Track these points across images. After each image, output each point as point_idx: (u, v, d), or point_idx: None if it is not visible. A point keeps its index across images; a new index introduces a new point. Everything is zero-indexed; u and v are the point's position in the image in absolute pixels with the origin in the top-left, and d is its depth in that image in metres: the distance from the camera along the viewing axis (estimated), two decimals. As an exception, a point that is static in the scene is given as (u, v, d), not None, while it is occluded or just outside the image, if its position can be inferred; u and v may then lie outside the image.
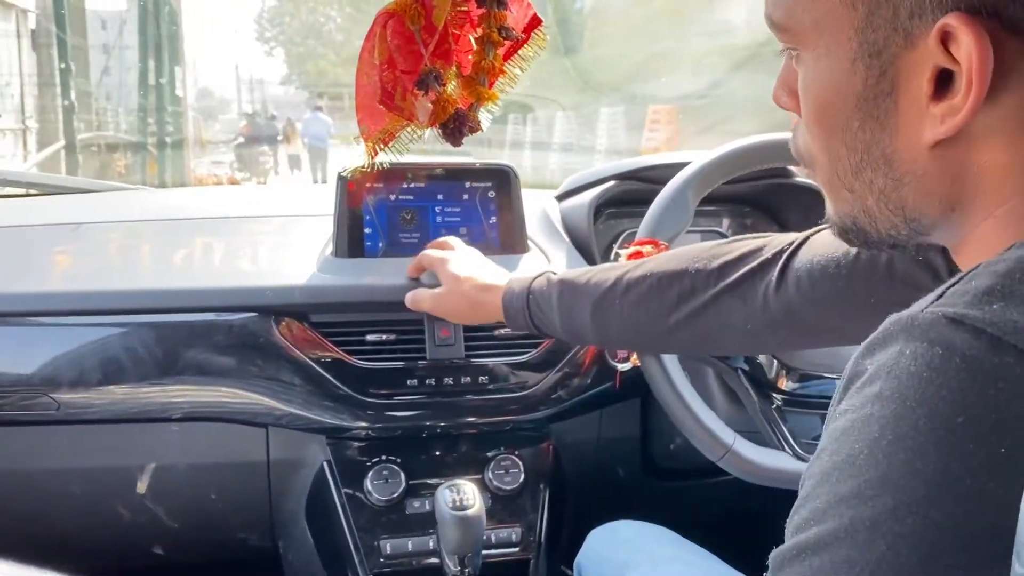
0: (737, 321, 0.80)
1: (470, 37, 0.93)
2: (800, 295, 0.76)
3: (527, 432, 1.16)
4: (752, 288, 0.79)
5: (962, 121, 0.44)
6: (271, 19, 25.38)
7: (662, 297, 0.84)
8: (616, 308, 0.86)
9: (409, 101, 0.88)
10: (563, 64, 8.42)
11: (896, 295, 0.71)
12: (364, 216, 1.13)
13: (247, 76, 26.05)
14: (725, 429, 0.91)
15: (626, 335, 0.89)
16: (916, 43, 0.44)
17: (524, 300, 0.93)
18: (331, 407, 1.07)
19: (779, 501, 1.34)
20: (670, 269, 0.84)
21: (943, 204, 0.48)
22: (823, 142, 0.51)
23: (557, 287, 0.91)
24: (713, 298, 0.81)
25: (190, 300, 1.04)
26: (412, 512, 1.07)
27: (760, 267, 0.79)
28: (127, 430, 1.06)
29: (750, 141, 1.01)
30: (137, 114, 8.43)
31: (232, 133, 16.23)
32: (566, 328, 0.91)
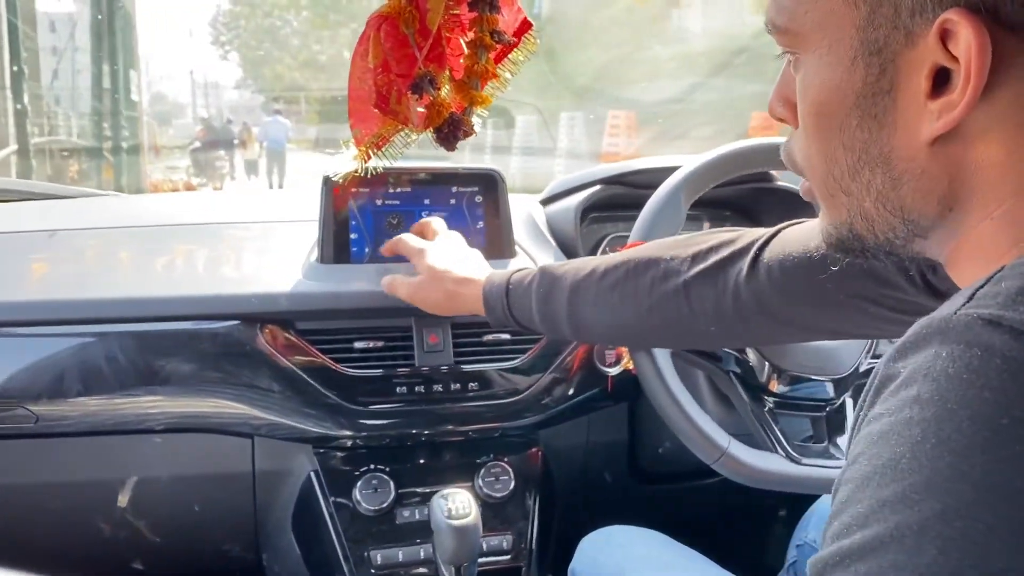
0: (708, 309, 0.81)
1: (461, 41, 0.92)
2: (772, 285, 0.77)
3: (516, 438, 1.15)
4: (724, 276, 0.80)
5: (959, 115, 0.44)
6: (226, 23, 25.05)
7: (636, 282, 0.84)
8: (591, 292, 0.87)
9: (404, 104, 0.87)
10: (537, 68, 8.47)
11: (868, 291, 0.73)
12: (350, 221, 1.11)
13: (202, 80, 25.65)
14: (720, 432, 0.91)
15: (599, 322, 0.89)
16: (916, 41, 0.45)
17: (503, 290, 0.93)
18: (318, 416, 1.05)
19: (763, 501, 1.35)
20: (645, 256, 0.85)
21: (942, 204, 0.48)
22: (820, 144, 0.52)
23: (537, 275, 0.91)
24: (684, 284, 0.82)
25: (172, 308, 1.02)
26: (402, 521, 1.06)
27: (732, 256, 0.80)
28: (107, 442, 1.03)
29: (740, 145, 1.01)
30: (91, 118, 8.25)
31: (187, 138, 16.00)
32: (542, 316, 0.91)
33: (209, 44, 25.15)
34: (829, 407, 1.00)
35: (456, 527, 0.91)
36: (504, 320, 0.93)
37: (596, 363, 1.13)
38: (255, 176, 14.32)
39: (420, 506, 1.07)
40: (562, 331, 0.93)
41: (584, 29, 12.68)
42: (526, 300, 0.91)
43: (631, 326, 0.87)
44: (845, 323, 0.78)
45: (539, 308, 0.90)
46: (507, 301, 0.92)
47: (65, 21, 10.76)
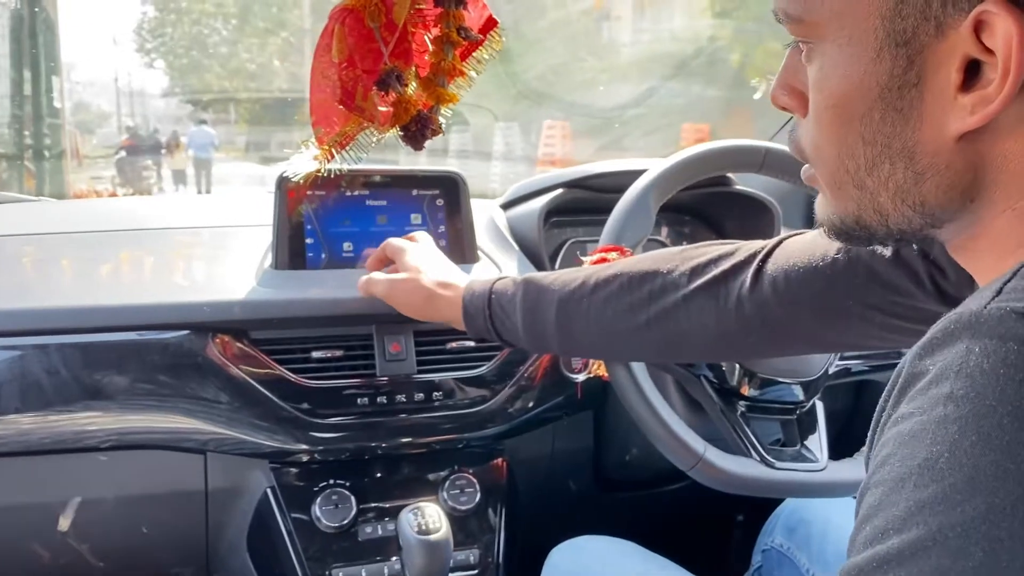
0: (709, 322, 0.79)
1: (426, 37, 0.89)
2: (776, 297, 0.75)
3: (480, 449, 1.12)
4: (726, 289, 0.78)
5: (996, 110, 0.43)
6: (152, 30, 24.42)
7: (632, 296, 0.81)
8: (583, 307, 0.84)
9: (370, 102, 0.83)
10: (491, 71, 8.54)
11: (875, 298, 0.71)
12: (305, 226, 1.07)
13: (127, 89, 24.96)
14: (696, 438, 0.90)
15: (592, 337, 0.85)
16: (946, 32, 0.44)
17: (485, 300, 0.89)
18: (274, 429, 1.00)
19: (727, 506, 1.35)
20: (641, 269, 0.82)
21: (964, 196, 0.47)
22: (835, 137, 0.50)
23: (521, 286, 0.88)
24: (685, 298, 0.79)
25: (118, 318, 0.96)
26: (365, 538, 1.02)
27: (734, 268, 0.78)
28: (48, 462, 0.96)
29: (709, 147, 1.00)
30: (11, 126, 7.92)
31: (112, 147, 15.55)
32: (528, 330, 0.87)
33: (134, 52, 24.43)
34: (799, 410, 0.99)
35: (427, 542, 0.87)
36: (484, 331, 0.89)
37: (563, 370, 1.10)
38: (183, 186, 14.01)
39: (383, 522, 1.03)
40: (550, 346, 0.90)
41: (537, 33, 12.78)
42: (510, 311, 0.87)
43: (627, 341, 0.84)
44: (851, 334, 0.77)
45: (525, 321, 0.86)
46: (489, 311, 0.88)
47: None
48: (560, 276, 0.87)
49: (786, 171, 1.02)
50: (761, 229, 1.25)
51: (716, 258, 0.80)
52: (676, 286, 0.80)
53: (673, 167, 0.97)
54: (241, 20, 22.89)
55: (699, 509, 1.33)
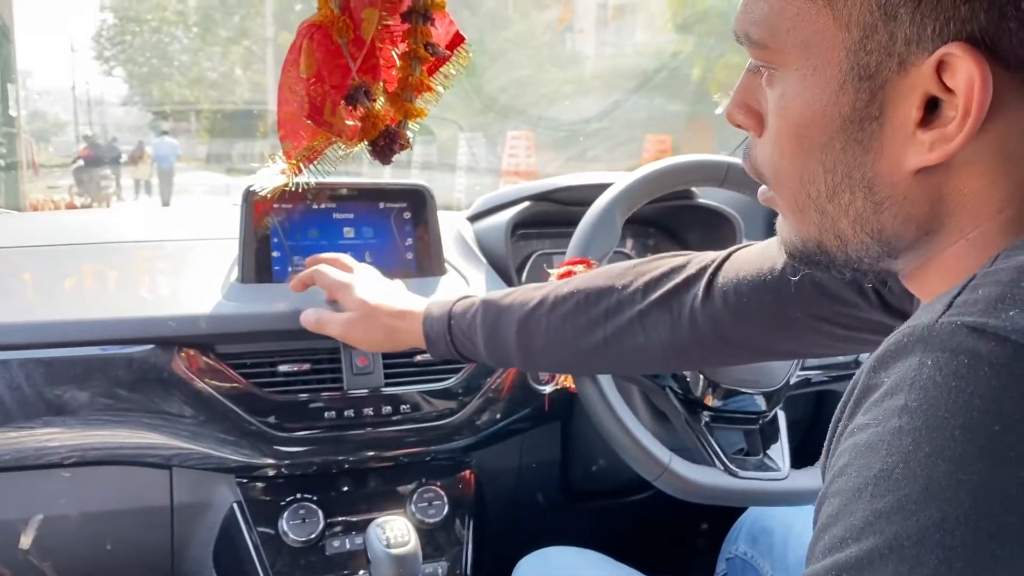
0: (664, 336, 0.80)
1: (393, 53, 0.90)
2: (727, 310, 0.77)
3: (448, 462, 1.12)
4: (679, 303, 0.79)
5: (955, 149, 0.45)
6: (111, 38, 24.07)
7: (589, 313, 0.83)
8: (542, 325, 0.85)
9: (339, 116, 0.84)
10: (459, 86, 8.59)
11: (822, 310, 0.73)
12: (271, 239, 1.07)
13: (85, 97, 24.56)
14: (661, 448, 0.91)
15: (552, 354, 0.87)
16: (909, 69, 0.45)
17: (445, 324, 0.89)
18: (241, 443, 0.99)
19: (691, 515, 1.36)
20: (596, 286, 0.84)
21: (920, 228, 0.48)
22: (797, 162, 0.51)
23: (480, 308, 0.88)
24: (640, 314, 0.81)
25: (82, 333, 0.95)
26: (332, 552, 1.01)
27: (685, 282, 0.80)
28: (10, 479, 0.95)
29: (674, 161, 1.02)
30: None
31: (68, 156, 15.29)
32: (490, 350, 0.88)
33: (93, 59, 24.05)
34: (762, 419, 1.01)
35: (396, 556, 0.87)
36: (447, 354, 0.90)
37: (530, 382, 1.11)
38: (147, 195, 13.87)
39: (351, 535, 1.03)
40: (511, 363, 0.91)
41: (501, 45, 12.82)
42: (471, 333, 0.88)
43: (586, 357, 0.85)
44: (799, 343, 0.79)
45: (486, 342, 0.87)
46: (450, 336, 0.89)
47: (-67, 32, 10.13)
48: (518, 295, 0.87)
49: (747, 186, 1.04)
50: (723, 241, 1.28)
51: (668, 271, 0.82)
52: (631, 302, 0.81)
53: (638, 181, 0.99)
54: (203, 29, 22.66)
55: (664, 518, 1.34)
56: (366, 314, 0.92)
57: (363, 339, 0.94)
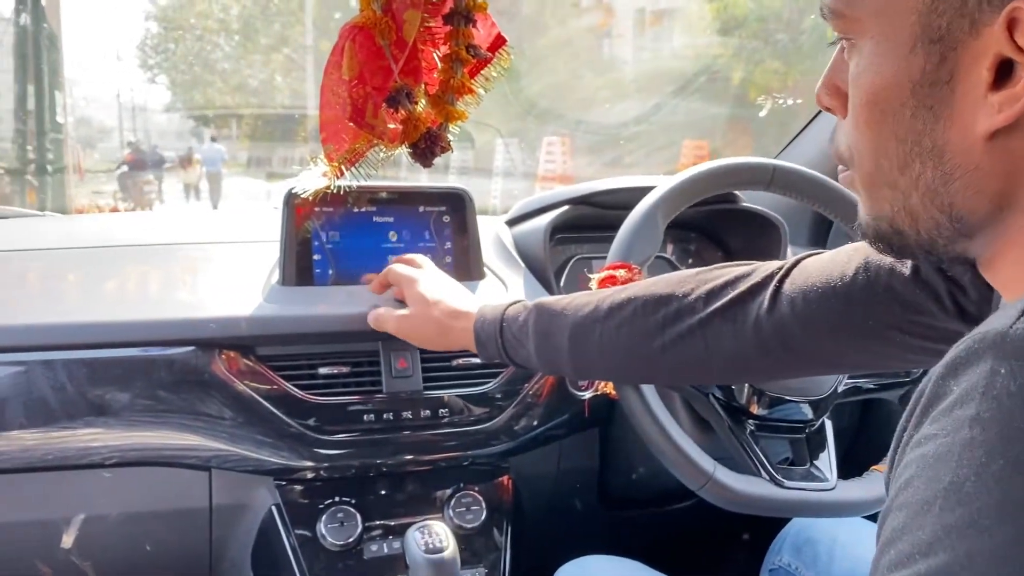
0: (727, 347, 0.78)
1: (435, 55, 0.89)
2: (795, 318, 0.74)
3: (485, 467, 1.11)
4: (743, 312, 0.77)
5: (1022, 109, 0.43)
6: (155, 46, 24.52)
7: (646, 321, 0.80)
8: (596, 333, 0.83)
9: (380, 119, 0.83)
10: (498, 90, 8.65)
11: (895, 318, 0.71)
12: (312, 242, 1.07)
13: (129, 104, 25.05)
14: (705, 457, 0.89)
15: (607, 362, 0.85)
16: (980, 30, 0.44)
17: (497, 327, 0.88)
18: (280, 446, 0.99)
19: (732, 525, 1.34)
20: (655, 293, 0.81)
21: (993, 202, 0.46)
22: (871, 134, 0.50)
23: (533, 313, 0.87)
24: (701, 323, 0.78)
25: (124, 334, 0.95)
26: (370, 556, 1.01)
27: (750, 291, 0.77)
28: (52, 479, 0.95)
29: (716, 164, 1.00)
30: (15, 140, 7.95)
31: (113, 162, 15.64)
32: (542, 356, 0.86)
33: (137, 67, 24.51)
34: (808, 428, 0.98)
35: (434, 561, 0.86)
36: (497, 356, 0.89)
37: (569, 388, 1.10)
38: (195, 199, 14.24)
39: (389, 540, 1.02)
40: (564, 371, 0.91)
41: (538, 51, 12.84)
42: (522, 338, 0.86)
43: (641, 366, 0.83)
44: (870, 355, 0.76)
45: (538, 347, 0.86)
46: (501, 339, 0.88)
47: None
48: (572, 301, 0.86)
49: (794, 189, 1.02)
50: (767, 246, 1.25)
51: (732, 280, 0.79)
52: (692, 310, 0.78)
53: (681, 184, 0.97)
54: (244, 36, 22.98)
55: (704, 528, 1.32)
56: (422, 311, 0.92)
57: (416, 335, 0.94)
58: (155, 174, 14.11)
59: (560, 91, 12.34)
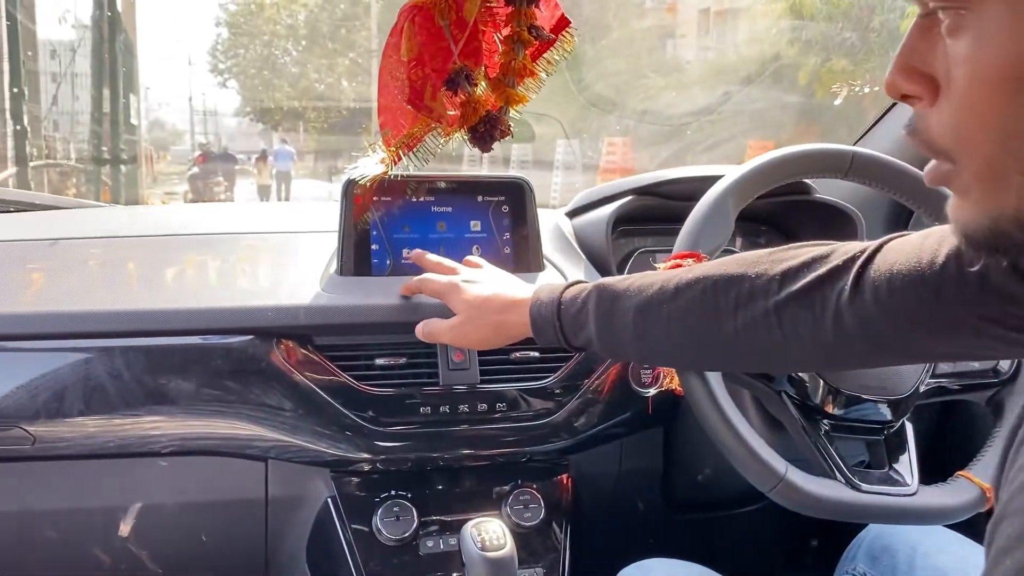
0: (804, 333, 0.72)
1: (496, 37, 0.87)
2: (878, 306, 0.68)
3: (543, 464, 1.08)
4: (822, 297, 0.71)
5: None
6: (225, 51, 25.17)
7: (717, 302, 0.75)
8: (663, 314, 0.77)
9: (439, 101, 0.81)
10: (558, 80, 8.62)
11: (991, 311, 0.64)
12: (370, 232, 1.05)
13: (200, 108, 25.78)
14: (777, 458, 0.84)
15: (673, 345, 0.79)
16: None
17: (554, 310, 0.83)
18: (337, 437, 0.98)
19: (802, 530, 1.28)
20: (726, 273, 0.75)
21: None
22: (998, 115, 0.44)
23: (594, 293, 0.81)
24: (776, 307, 0.72)
25: (182, 321, 0.95)
26: (426, 552, 0.98)
27: (830, 274, 0.71)
28: (110, 466, 0.96)
29: (791, 150, 0.95)
30: (90, 141, 8.23)
31: (184, 164, 16.16)
32: (602, 339, 0.81)
33: (208, 72, 25.18)
34: (887, 430, 0.93)
35: (491, 559, 0.84)
36: (554, 341, 0.84)
37: (632, 384, 1.06)
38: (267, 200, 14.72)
39: (444, 536, 1.00)
40: (626, 355, 0.85)
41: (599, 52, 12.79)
42: (582, 320, 0.81)
43: (711, 351, 0.78)
44: (960, 347, 0.69)
45: (599, 330, 0.80)
46: (560, 323, 0.82)
47: (66, 48, 10.78)
48: (636, 281, 0.80)
49: (874, 177, 0.96)
50: (841, 240, 1.19)
51: (809, 261, 0.73)
52: (766, 292, 0.73)
53: (754, 170, 0.93)
54: (310, 41, 23.41)
55: (772, 533, 1.26)
56: (472, 315, 0.88)
57: (474, 340, 0.90)
58: (225, 175, 14.51)
59: (620, 91, 12.24)
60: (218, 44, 25.18)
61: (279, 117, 23.20)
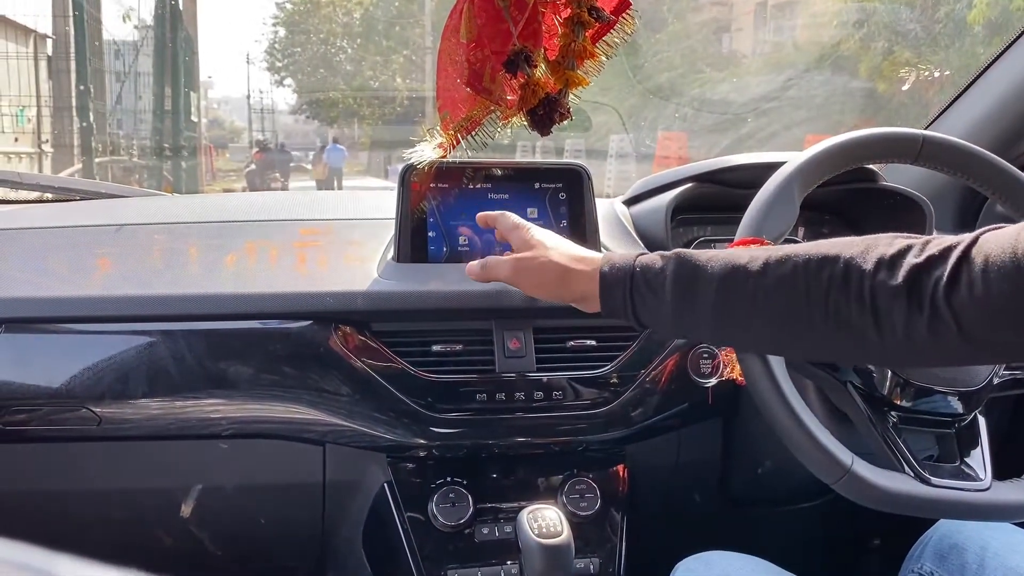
0: (898, 322, 0.67)
1: (555, 19, 0.86)
2: (973, 301, 0.64)
3: (600, 453, 1.07)
4: (919, 286, 0.66)
5: None
6: (282, 49, 25.57)
7: (808, 282, 0.70)
8: (748, 289, 0.72)
9: (498, 83, 0.80)
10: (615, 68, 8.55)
11: None
12: (427, 219, 1.05)
13: (258, 106, 26.26)
14: (843, 450, 0.82)
15: (756, 326, 0.73)
16: None
17: (628, 273, 0.76)
18: (394, 423, 0.98)
19: (866, 527, 1.24)
20: (819, 252, 0.70)
21: None
22: None
23: (673, 261, 0.75)
24: (872, 291, 0.67)
25: (243, 306, 0.96)
26: (482, 539, 0.98)
27: (927, 263, 0.66)
28: (172, 448, 0.98)
29: (858, 134, 0.92)
30: (152, 138, 8.43)
31: (242, 161, 16.52)
32: (677, 311, 0.75)
33: (265, 70, 25.62)
34: (958, 423, 0.89)
35: (548, 546, 0.83)
36: (620, 309, 0.78)
37: (691, 374, 1.04)
38: (323, 191, 15.19)
39: (499, 523, 1.00)
40: (700, 332, 0.79)
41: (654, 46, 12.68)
42: (656, 288, 0.75)
43: (798, 335, 0.72)
44: None
45: (675, 301, 0.74)
46: (630, 286, 0.76)
47: (129, 48, 11.06)
48: (719, 253, 0.75)
49: (945, 162, 0.92)
50: (909, 230, 1.15)
51: (905, 250, 0.68)
52: (861, 275, 0.68)
53: (820, 154, 0.90)
54: (365, 39, 23.63)
55: (835, 530, 1.23)
56: (540, 254, 0.83)
57: (531, 279, 0.84)
58: (281, 170, 14.79)
59: (677, 84, 12.11)
60: (276, 43, 25.59)
61: (335, 114, 23.49)
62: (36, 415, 0.93)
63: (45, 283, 0.96)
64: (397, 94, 22.14)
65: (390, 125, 21.25)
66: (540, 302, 0.95)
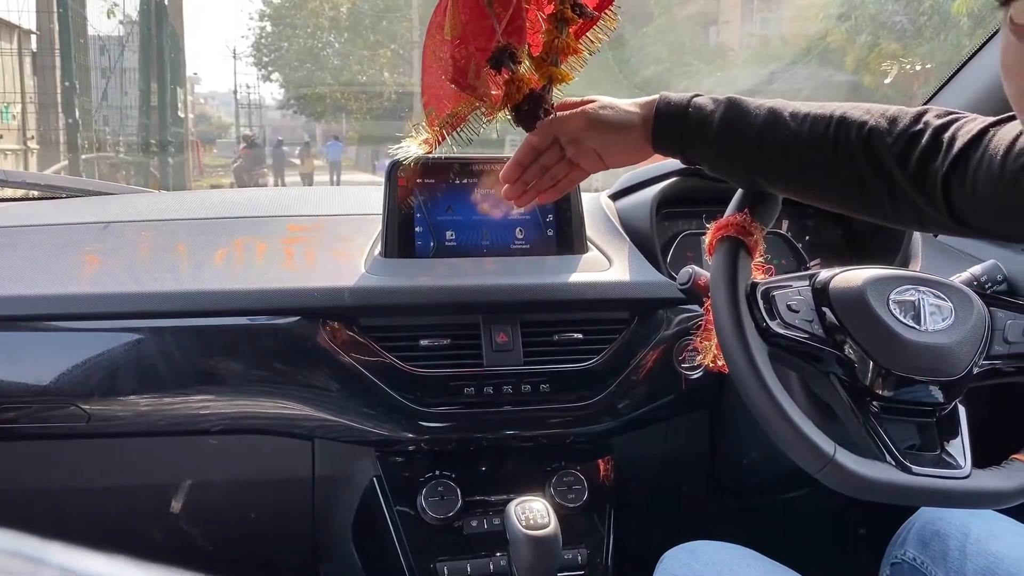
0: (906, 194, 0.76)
1: (539, 15, 0.86)
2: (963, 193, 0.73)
3: (587, 446, 1.08)
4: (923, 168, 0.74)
5: None
6: (268, 44, 25.43)
7: (839, 137, 0.77)
8: (790, 129, 0.79)
9: (482, 80, 0.81)
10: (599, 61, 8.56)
11: None
12: (414, 214, 1.06)
13: (245, 101, 26.14)
14: (825, 439, 0.83)
15: (786, 174, 0.81)
16: None
17: (683, 109, 0.83)
18: (382, 417, 0.99)
19: (850, 515, 1.26)
20: (854, 115, 0.78)
21: None
22: None
23: (723, 103, 0.82)
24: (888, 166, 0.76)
25: (231, 302, 0.96)
26: (470, 532, 0.99)
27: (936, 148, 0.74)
28: (162, 444, 0.98)
29: None
30: (139, 134, 8.39)
31: (230, 157, 16.52)
32: (721, 145, 0.81)
33: (252, 65, 25.49)
34: (939, 412, 0.91)
35: (535, 538, 0.84)
36: (670, 145, 0.84)
37: (676, 365, 1.05)
38: (310, 185, 15.30)
39: (488, 516, 1.01)
40: (738, 170, 0.84)
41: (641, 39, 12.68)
42: (706, 125, 0.81)
43: (824, 188, 0.81)
44: None
45: (718, 138, 0.81)
46: (684, 122, 0.82)
47: (115, 44, 11.00)
48: (765, 102, 0.83)
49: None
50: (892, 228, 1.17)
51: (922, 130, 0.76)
52: (882, 148, 0.76)
53: None
54: (352, 33, 23.54)
55: (820, 518, 1.24)
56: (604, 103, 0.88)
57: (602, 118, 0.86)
58: (277, 167, 14.92)
59: (664, 77, 12.11)
60: (263, 37, 25.45)
61: (322, 109, 23.41)
62: (25, 412, 0.94)
63: (32, 281, 0.96)
64: (385, 88, 22.07)
65: (378, 120, 21.23)
66: (526, 296, 0.97)
